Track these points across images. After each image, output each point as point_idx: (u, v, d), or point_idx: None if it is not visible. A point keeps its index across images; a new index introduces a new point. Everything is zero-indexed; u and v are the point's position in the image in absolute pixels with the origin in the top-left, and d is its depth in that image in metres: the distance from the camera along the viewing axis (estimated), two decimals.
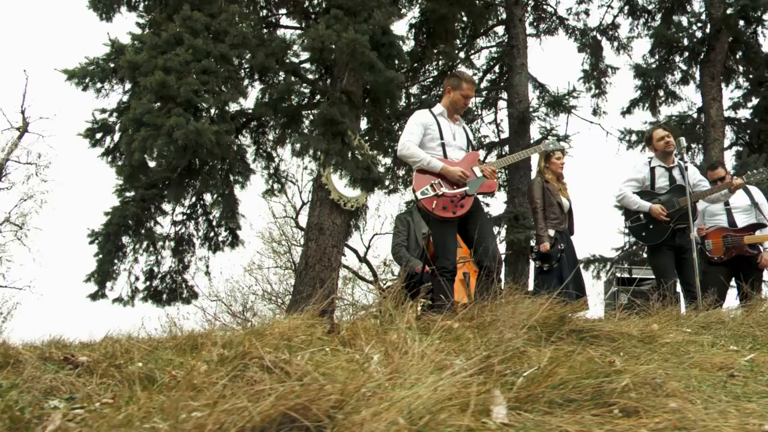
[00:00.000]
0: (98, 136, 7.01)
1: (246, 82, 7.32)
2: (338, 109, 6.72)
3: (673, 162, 5.53)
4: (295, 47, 6.88)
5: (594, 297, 10.18)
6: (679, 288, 5.56)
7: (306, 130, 7.79)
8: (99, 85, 7.23)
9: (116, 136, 7.04)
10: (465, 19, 9.67)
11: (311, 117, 8.53)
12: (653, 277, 6.82)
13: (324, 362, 1.96)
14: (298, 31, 7.86)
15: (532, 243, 8.22)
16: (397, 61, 7.25)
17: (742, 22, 11.99)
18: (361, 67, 6.62)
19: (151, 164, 7.55)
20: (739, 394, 1.88)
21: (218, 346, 2.34)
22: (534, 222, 5.92)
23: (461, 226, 4.49)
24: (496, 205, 12.13)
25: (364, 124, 10.70)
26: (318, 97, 8.95)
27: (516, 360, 1.74)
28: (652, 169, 5.61)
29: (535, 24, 13.41)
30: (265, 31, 9.78)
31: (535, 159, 7.06)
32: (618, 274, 8.77)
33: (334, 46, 6.55)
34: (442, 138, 4.38)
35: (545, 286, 5.58)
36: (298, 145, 6.64)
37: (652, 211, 5.38)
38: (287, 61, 7.68)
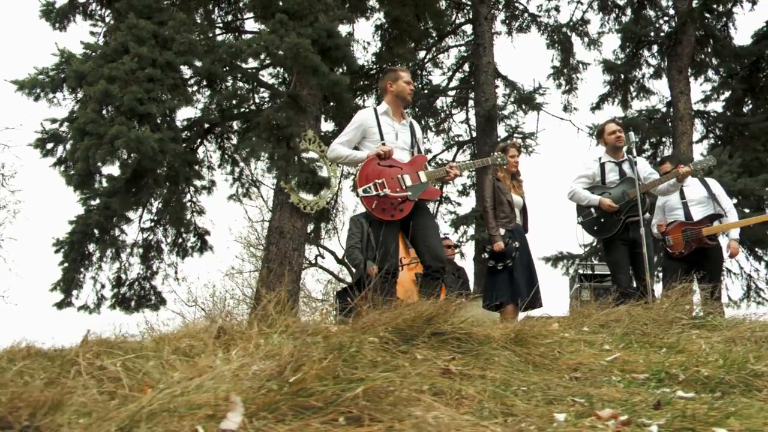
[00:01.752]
0: (49, 146, 7.05)
1: (195, 88, 7.32)
2: (284, 114, 6.72)
3: (622, 156, 5.55)
4: (243, 53, 6.85)
5: (564, 294, 10.15)
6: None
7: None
8: (51, 95, 7.26)
9: (68, 146, 7.06)
10: (424, 20, 9.64)
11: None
12: None
13: (142, 369, 1.97)
14: (248, 36, 7.87)
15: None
16: (346, 64, 7.25)
17: (711, 15, 11.99)
18: (306, 71, 6.62)
19: (116, 172, 7.60)
20: (552, 398, 1.87)
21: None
22: (485, 222, 5.93)
23: (405, 228, 4.49)
24: (468, 203, 12.13)
25: (331, 126, 10.75)
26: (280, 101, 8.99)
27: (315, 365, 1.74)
28: (602, 165, 5.64)
29: (507, 22, 13.42)
30: (231, 36, 9.84)
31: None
32: (581, 271, 8.78)
33: (278, 51, 6.54)
34: (382, 139, 4.32)
35: (496, 285, 5.61)
36: (245, 151, 6.66)
37: (602, 203, 5.40)
38: (242, 65, 7.71)
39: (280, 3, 7.33)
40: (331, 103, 9.83)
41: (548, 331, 3.25)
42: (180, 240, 10.20)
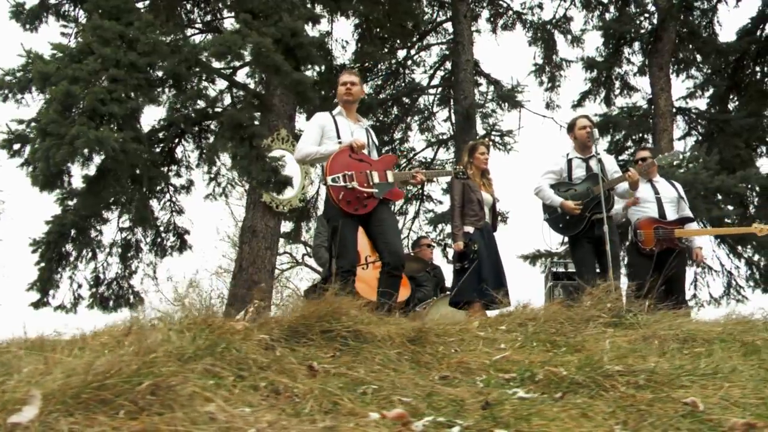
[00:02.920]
0: (16, 146, 7.08)
1: (162, 88, 7.35)
2: (246, 113, 6.76)
3: (590, 153, 5.53)
4: (206, 53, 6.89)
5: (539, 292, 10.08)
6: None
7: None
8: (19, 96, 7.30)
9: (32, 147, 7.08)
10: (396, 19, 9.61)
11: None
12: None
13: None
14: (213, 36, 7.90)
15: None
16: (312, 63, 7.27)
17: (696, 12, 11.95)
18: (268, 70, 6.65)
19: (81, 173, 7.62)
20: (396, 397, 1.87)
21: None
22: (451, 220, 5.95)
23: (367, 225, 4.53)
24: (448, 201, 12.11)
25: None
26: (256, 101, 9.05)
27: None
28: (570, 161, 5.63)
29: (492, 19, 13.41)
30: (208, 36, 9.87)
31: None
32: (554, 269, 8.73)
33: (239, 51, 6.57)
34: (339, 138, 4.42)
35: (461, 284, 5.62)
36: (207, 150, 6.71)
37: (564, 206, 5.39)
38: (211, 65, 7.74)
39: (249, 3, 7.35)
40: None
41: (465, 329, 3.26)
42: (159, 239, 10.26)
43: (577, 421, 1.54)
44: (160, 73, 7.37)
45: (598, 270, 5.46)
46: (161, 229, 10.29)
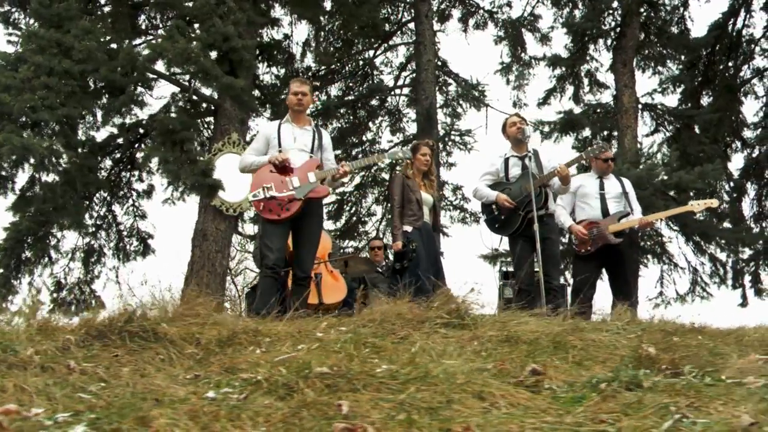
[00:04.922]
0: None
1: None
2: (178, 118, 6.83)
3: (526, 150, 5.50)
4: (140, 58, 6.97)
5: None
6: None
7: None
8: None
9: None
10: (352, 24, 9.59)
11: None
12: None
13: None
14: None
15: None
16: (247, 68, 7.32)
17: (667, 8, 11.83)
18: (198, 75, 6.72)
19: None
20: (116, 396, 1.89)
21: None
22: (392, 220, 5.98)
23: (295, 230, 4.69)
24: None
25: None
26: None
27: None
28: (506, 160, 5.62)
29: (463, 19, 13.37)
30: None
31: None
32: (503, 269, 8.68)
33: (169, 56, 6.63)
34: (280, 146, 4.63)
35: (400, 284, 5.63)
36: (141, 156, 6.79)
37: (498, 200, 5.37)
38: (154, 70, 7.82)
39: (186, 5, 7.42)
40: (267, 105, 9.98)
41: (303, 330, 3.25)
42: (122, 244, 10.39)
43: (220, 423, 1.55)
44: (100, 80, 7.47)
45: (537, 269, 5.43)
46: (124, 233, 10.44)
